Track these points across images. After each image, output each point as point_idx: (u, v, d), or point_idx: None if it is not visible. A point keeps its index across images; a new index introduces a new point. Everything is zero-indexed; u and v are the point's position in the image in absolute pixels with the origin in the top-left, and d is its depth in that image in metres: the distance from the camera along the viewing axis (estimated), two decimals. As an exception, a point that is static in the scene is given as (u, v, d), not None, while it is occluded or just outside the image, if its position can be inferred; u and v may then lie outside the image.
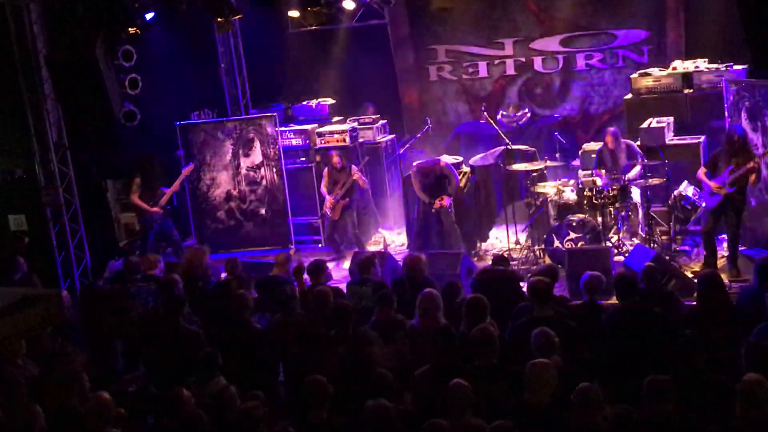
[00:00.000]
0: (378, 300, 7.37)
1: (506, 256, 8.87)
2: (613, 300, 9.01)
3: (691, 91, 11.75)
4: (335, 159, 12.00)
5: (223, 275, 9.46)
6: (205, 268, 9.20)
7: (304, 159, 12.93)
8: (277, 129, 12.90)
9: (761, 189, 10.38)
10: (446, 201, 11.08)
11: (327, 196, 12.07)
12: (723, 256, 10.27)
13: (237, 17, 12.66)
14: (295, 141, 13.02)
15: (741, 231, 10.16)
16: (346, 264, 11.23)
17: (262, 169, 12.99)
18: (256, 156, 13.01)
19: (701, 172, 10.13)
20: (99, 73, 10.15)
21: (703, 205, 10.55)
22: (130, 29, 11.51)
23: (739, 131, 9.83)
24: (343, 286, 8.85)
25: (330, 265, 10.32)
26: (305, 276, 8.65)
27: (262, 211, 13.10)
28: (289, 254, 9.52)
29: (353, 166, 12.13)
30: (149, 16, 11.99)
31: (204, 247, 10.14)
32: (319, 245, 12.92)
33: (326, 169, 12.21)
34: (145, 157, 12.23)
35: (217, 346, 7.09)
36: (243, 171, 13.12)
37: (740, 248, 10.19)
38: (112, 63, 10.93)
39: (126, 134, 12.74)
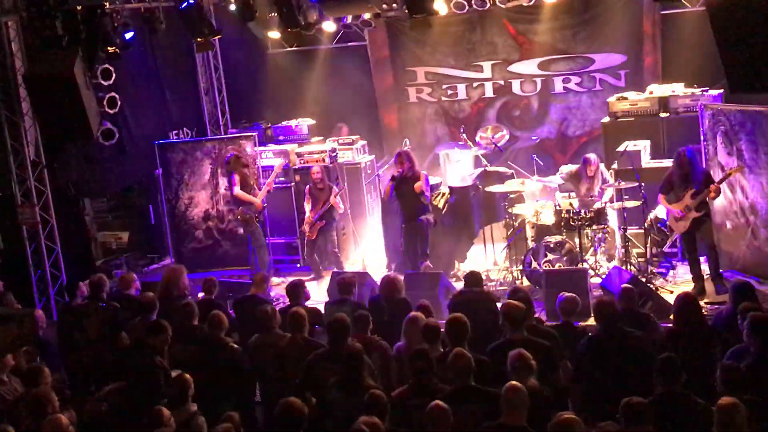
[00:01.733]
0: (353, 322, 7.35)
1: (479, 273, 8.87)
2: (591, 321, 9.09)
3: (668, 114, 11.88)
4: (316, 176, 11.94)
5: (201, 295, 9.41)
6: (183, 287, 9.15)
7: (283, 179, 12.92)
8: (256, 149, 12.90)
9: (736, 212, 10.49)
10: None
11: (308, 212, 12.05)
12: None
13: (217, 37, 12.69)
14: (276, 160, 13.00)
15: (717, 252, 10.27)
16: (324, 284, 11.21)
17: (241, 189, 12.95)
18: (235, 176, 12.97)
19: (661, 198, 10.25)
20: (77, 92, 10.10)
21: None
22: (109, 48, 11.50)
23: (689, 153, 9.96)
24: (321, 306, 8.83)
25: (311, 284, 10.32)
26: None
27: (241, 231, 13.06)
28: (266, 274, 9.48)
29: (334, 188, 12.11)
30: (129, 35, 11.99)
31: (181, 266, 10.10)
32: (298, 265, 12.90)
33: (307, 187, 12.18)
34: (237, 156, 12.26)
35: (193, 365, 7.06)
36: (221, 191, 13.10)
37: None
38: (90, 81, 10.89)
39: (104, 153, 12.70)
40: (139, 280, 9.82)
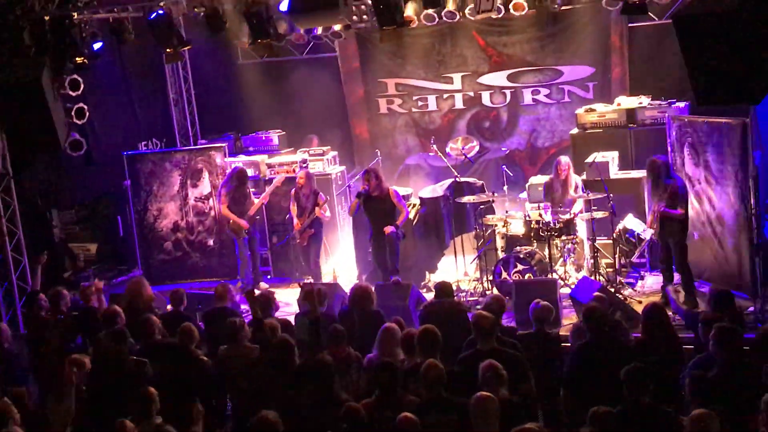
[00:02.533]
0: (330, 338, 7.32)
1: (449, 283, 8.89)
2: (563, 330, 9.16)
3: (635, 126, 12.00)
4: (300, 182, 11.84)
5: (169, 307, 9.34)
6: (147, 299, 9.04)
7: (254, 190, 12.87)
8: (226, 160, 12.85)
9: (703, 223, 10.60)
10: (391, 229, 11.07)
11: (295, 219, 11.96)
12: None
13: (186, 48, 12.63)
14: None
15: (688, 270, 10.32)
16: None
17: (211, 200, 12.92)
18: (205, 187, 12.95)
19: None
20: (45, 102, 10.00)
21: (648, 237, 10.80)
22: (77, 59, 11.43)
23: (655, 159, 10.08)
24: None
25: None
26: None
27: (210, 242, 13.00)
28: (226, 285, 9.39)
29: (320, 195, 11.98)
30: (97, 45, 11.92)
31: (142, 278, 10.00)
32: (269, 276, 12.84)
33: (293, 190, 12.03)
34: (238, 170, 12.17)
35: (164, 378, 7.01)
36: (191, 202, 13.04)
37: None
38: (58, 92, 10.81)
39: (72, 164, 12.61)
40: (109, 291, 9.74)
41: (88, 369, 7.39)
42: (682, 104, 11.81)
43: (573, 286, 10.37)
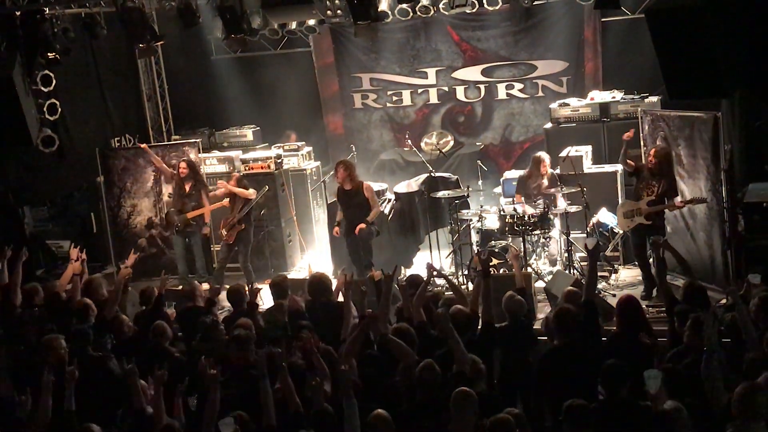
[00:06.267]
0: (297, 335, 7.28)
1: (420, 277, 8.89)
2: (537, 324, 9.18)
3: (608, 120, 12.07)
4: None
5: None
6: (103, 295, 8.91)
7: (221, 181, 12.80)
8: (200, 155, 12.79)
9: (676, 216, 10.68)
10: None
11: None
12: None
13: (160, 43, 12.56)
14: (219, 167, 12.92)
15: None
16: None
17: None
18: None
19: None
20: (17, 98, 9.90)
21: (621, 231, 10.84)
22: (49, 54, 11.31)
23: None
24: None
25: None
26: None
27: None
28: (193, 283, 9.31)
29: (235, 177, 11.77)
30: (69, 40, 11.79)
31: (97, 276, 9.89)
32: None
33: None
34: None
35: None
36: (165, 198, 12.95)
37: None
38: (30, 88, 10.68)
39: (44, 160, 12.49)
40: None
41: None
42: (654, 98, 11.89)
43: (548, 281, 10.42)
